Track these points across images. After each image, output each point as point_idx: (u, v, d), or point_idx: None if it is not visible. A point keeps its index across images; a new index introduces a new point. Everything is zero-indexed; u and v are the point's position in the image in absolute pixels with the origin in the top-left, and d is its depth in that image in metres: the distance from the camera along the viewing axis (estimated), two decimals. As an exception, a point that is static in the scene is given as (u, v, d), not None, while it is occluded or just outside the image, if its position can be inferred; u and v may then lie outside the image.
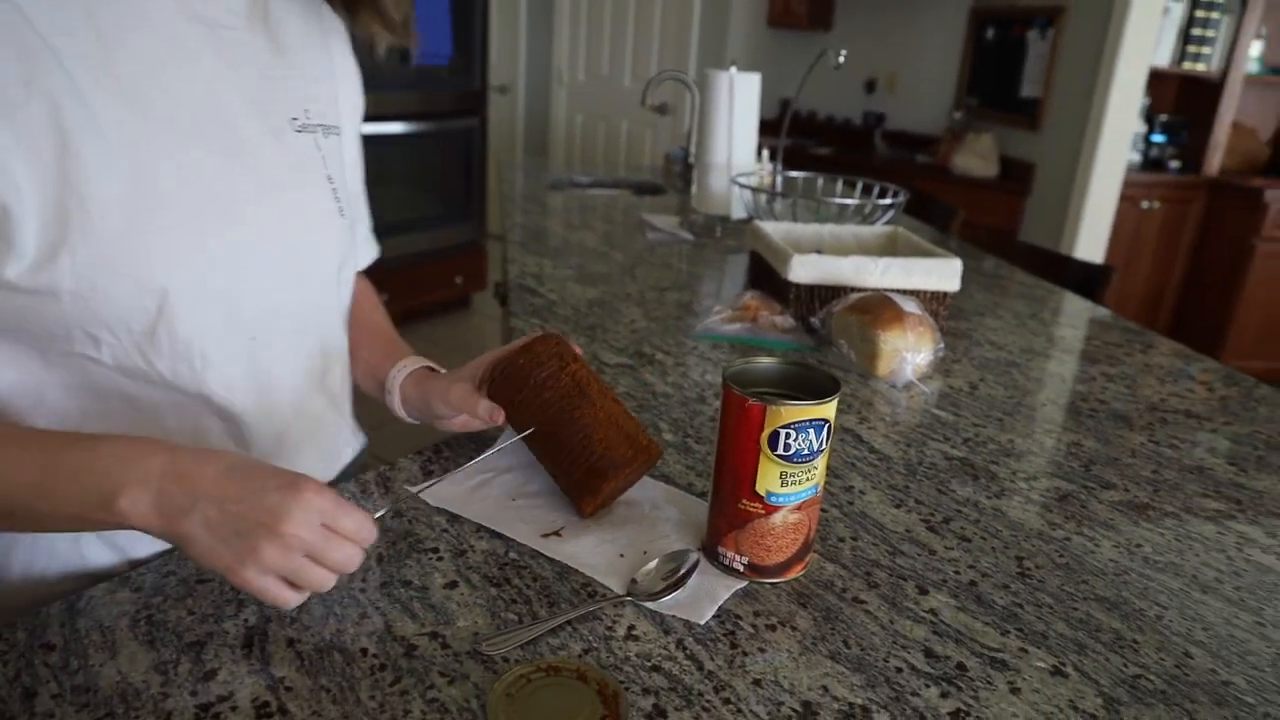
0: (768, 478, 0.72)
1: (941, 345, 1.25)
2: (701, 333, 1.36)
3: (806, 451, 0.72)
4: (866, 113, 5.06)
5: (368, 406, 1.02)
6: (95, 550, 0.76)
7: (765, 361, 0.79)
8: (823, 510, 0.89)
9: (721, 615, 0.71)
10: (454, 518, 0.82)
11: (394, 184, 3.96)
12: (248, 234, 0.75)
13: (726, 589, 0.74)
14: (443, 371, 0.95)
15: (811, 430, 0.71)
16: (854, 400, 1.17)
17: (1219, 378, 1.36)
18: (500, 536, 0.80)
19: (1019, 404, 1.20)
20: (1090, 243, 3.90)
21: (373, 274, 1.05)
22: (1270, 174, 4.27)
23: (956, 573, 0.80)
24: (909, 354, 1.20)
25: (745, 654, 0.67)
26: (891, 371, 1.22)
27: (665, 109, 4.80)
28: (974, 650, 0.69)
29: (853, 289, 1.39)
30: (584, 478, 0.81)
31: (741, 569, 0.76)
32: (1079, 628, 0.73)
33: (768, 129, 2.75)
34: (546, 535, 0.81)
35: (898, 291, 1.36)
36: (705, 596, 0.73)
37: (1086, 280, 1.97)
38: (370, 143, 1.01)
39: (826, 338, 1.35)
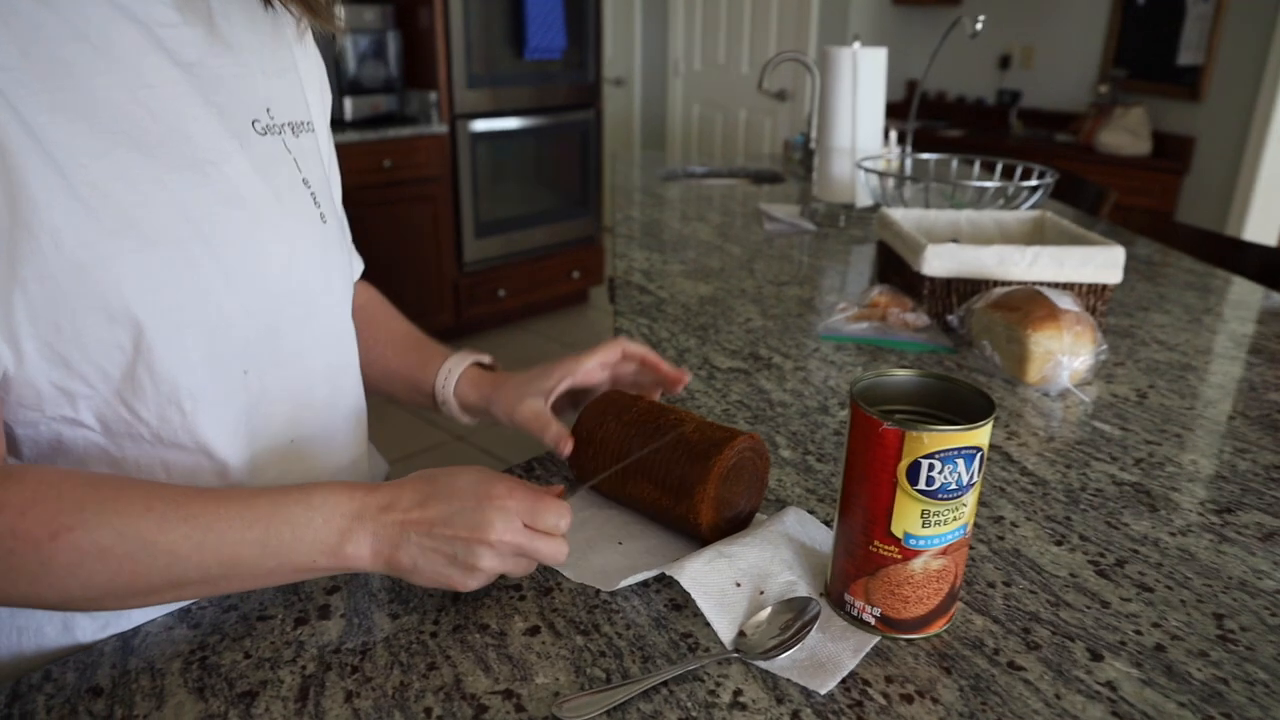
0: (906, 517, 0.60)
1: (1103, 347, 1.08)
2: (825, 332, 1.24)
3: (954, 486, 0.59)
4: (1000, 90, 4.75)
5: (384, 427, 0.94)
6: (86, 629, 0.68)
7: (901, 374, 0.67)
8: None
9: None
10: (541, 548, 0.74)
11: (510, 180, 3.95)
12: (221, 252, 0.66)
13: (854, 652, 0.63)
14: (498, 370, 0.88)
15: (960, 461, 0.59)
16: (1001, 411, 1.02)
17: None
18: (591, 572, 0.71)
19: (1199, 416, 1.03)
20: (1262, 226, 3.52)
21: (488, 269, 0.98)
22: None
23: (1138, 633, 0.66)
24: (1064, 357, 1.05)
25: (876, 733, 0.55)
26: (1044, 378, 1.06)
27: (784, 95, 4.64)
28: (1168, 739, 0.56)
29: (996, 282, 1.23)
30: (688, 470, 0.72)
31: (872, 621, 0.64)
32: (1306, 713, 0.58)
33: (893, 112, 2.57)
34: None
35: (1050, 285, 1.19)
36: (828, 659, 0.62)
37: (1267, 268, 1.73)
38: (486, 139, 0.94)
39: (966, 338, 1.20)
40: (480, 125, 3.68)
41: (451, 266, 3.78)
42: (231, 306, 0.67)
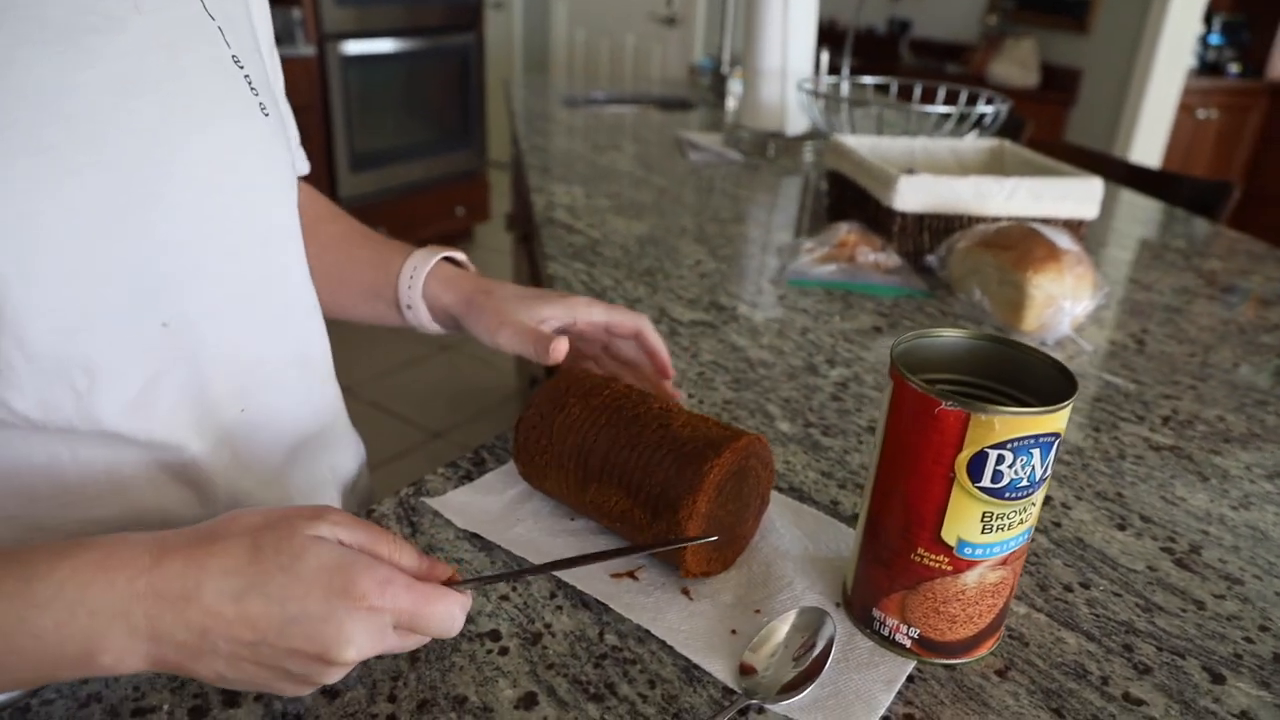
0: (963, 520, 0.47)
1: (1105, 290, 0.98)
2: (792, 276, 1.09)
3: (1026, 483, 0.46)
4: (891, 19, 4.67)
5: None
6: None
7: (949, 335, 0.52)
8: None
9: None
10: (522, 583, 0.57)
11: (386, 109, 3.62)
12: (118, 160, 0.46)
13: (887, 683, 0.49)
14: (473, 271, 0.72)
15: (1037, 451, 0.45)
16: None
17: None
18: (585, 604, 0.54)
19: (1205, 365, 0.94)
20: (1144, 156, 3.59)
21: (365, 206, 0.78)
22: (1336, 77, 3.94)
23: (1248, 639, 0.55)
24: (1066, 302, 0.94)
25: (1004, 819, 0.42)
26: (1042, 325, 0.95)
27: (674, 20, 4.42)
28: (1340, 790, 0.45)
29: (972, 218, 1.11)
30: (673, 476, 0.54)
31: (908, 644, 0.51)
32: None
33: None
34: (617, 576, 0.57)
35: (1030, 220, 1.08)
36: (857, 695, 0.48)
37: (1200, 199, 1.70)
38: (358, 63, 0.73)
39: (946, 281, 1.08)
40: (352, 47, 3.33)
41: (325, 203, 3.45)
42: (138, 237, 0.47)
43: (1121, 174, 1.85)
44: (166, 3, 0.50)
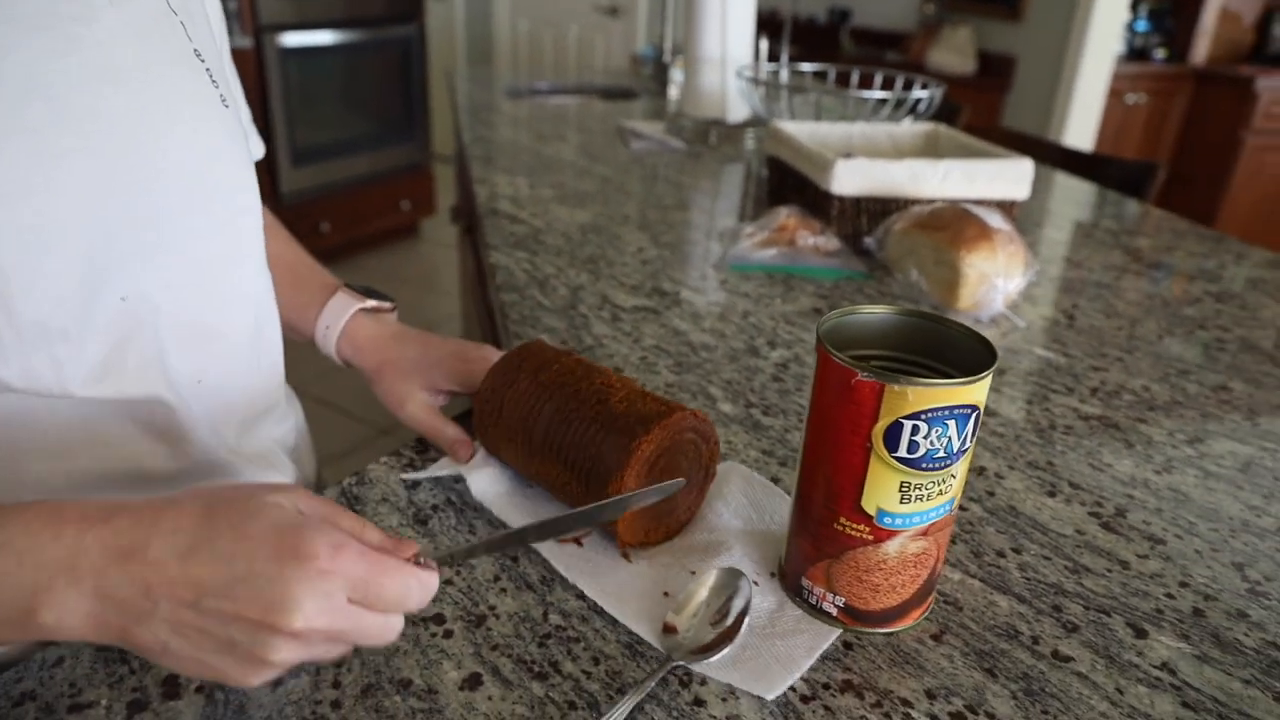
0: (882, 490, 0.48)
1: (1035, 267, 1.01)
2: (734, 261, 1.10)
3: (943, 454, 0.47)
4: (831, 8, 4.72)
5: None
6: None
7: (875, 311, 0.54)
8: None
9: (884, 703, 0.48)
10: (463, 568, 0.57)
11: (327, 102, 3.56)
12: (95, 143, 0.47)
13: (809, 650, 0.51)
14: (389, 318, 0.74)
15: (952, 422, 0.46)
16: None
17: (1337, 291, 1.15)
18: (529, 586, 0.55)
19: (1131, 337, 0.97)
20: (1077, 139, 3.67)
21: (308, 202, 0.77)
22: (1257, 61, 4.07)
23: (1169, 595, 0.57)
24: (999, 280, 0.96)
25: (938, 774, 0.44)
26: (976, 303, 0.98)
27: (616, 10, 4.41)
28: (1253, 732, 0.47)
29: (908, 200, 1.14)
30: (603, 450, 0.56)
31: (834, 612, 0.53)
32: (1373, 678, 0.51)
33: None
34: (564, 541, 0.58)
35: (964, 201, 1.11)
36: (777, 659, 0.50)
37: (1128, 180, 1.75)
38: (297, 55, 0.73)
39: (884, 262, 1.10)
40: (290, 39, 3.26)
41: (268, 199, 3.38)
42: (111, 214, 0.49)
43: (1055, 157, 1.90)
44: (138, 3, 0.51)
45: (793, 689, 0.48)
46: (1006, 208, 1.19)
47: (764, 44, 1.76)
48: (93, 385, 0.51)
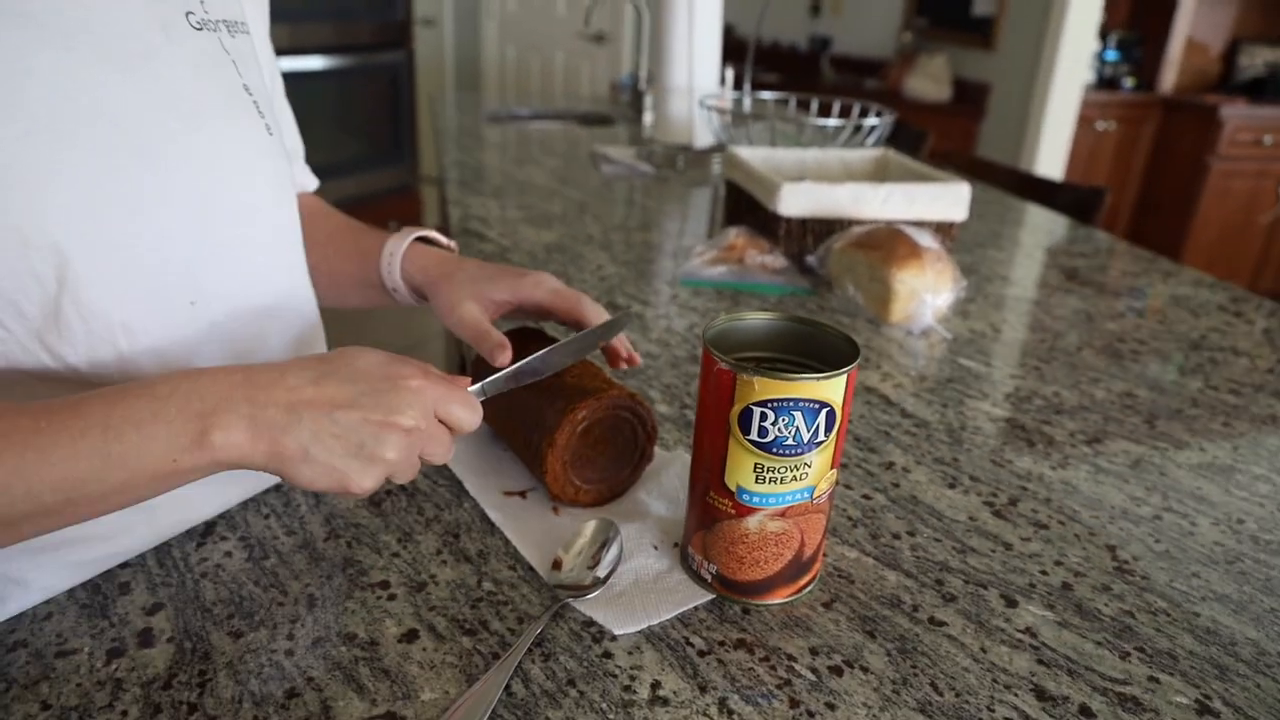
0: (739, 469, 0.55)
1: (963, 284, 1.08)
2: (684, 277, 1.18)
3: (793, 443, 0.53)
4: (812, 36, 4.85)
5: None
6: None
7: (760, 317, 0.60)
8: (867, 498, 0.72)
9: (771, 658, 0.54)
10: (405, 536, 0.64)
11: (317, 126, 3.64)
12: (156, 164, 0.54)
13: (675, 605, 0.58)
14: (449, 248, 0.78)
15: (799, 414, 0.52)
16: (869, 351, 1.00)
17: (1252, 307, 1.23)
18: (467, 559, 0.61)
19: (1052, 349, 1.05)
20: (1048, 165, 3.78)
21: None
22: (1223, 90, 4.19)
23: (1044, 573, 0.64)
24: (928, 295, 1.04)
25: (811, 714, 0.50)
26: (907, 316, 1.05)
27: (603, 37, 4.52)
28: (1094, 685, 0.54)
29: (851, 221, 1.21)
30: (545, 413, 0.65)
31: (709, 578, 0.59)
32: (1210, 641, 0.58)
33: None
34: (509, 494, 0.68)
35: (902, 223, 1.18)
36: (644, 607, 0.57)
37: (1078, 204, 1.83)
38: (287, 80, 0.80)
39: (825, 279, 1.17)
40: (283, 64, 3.35)
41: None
42: (172, 227, 0.56)
43: (1013, 183, 1.99)
44: (195, 36, 0.58)
45: (689, 644, 0.55)
46: (946, 229, 1.27)
47: (730, 72, 1.85)
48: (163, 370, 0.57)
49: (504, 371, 0.59)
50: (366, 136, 3.92)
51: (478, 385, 0.57)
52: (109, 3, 0.52)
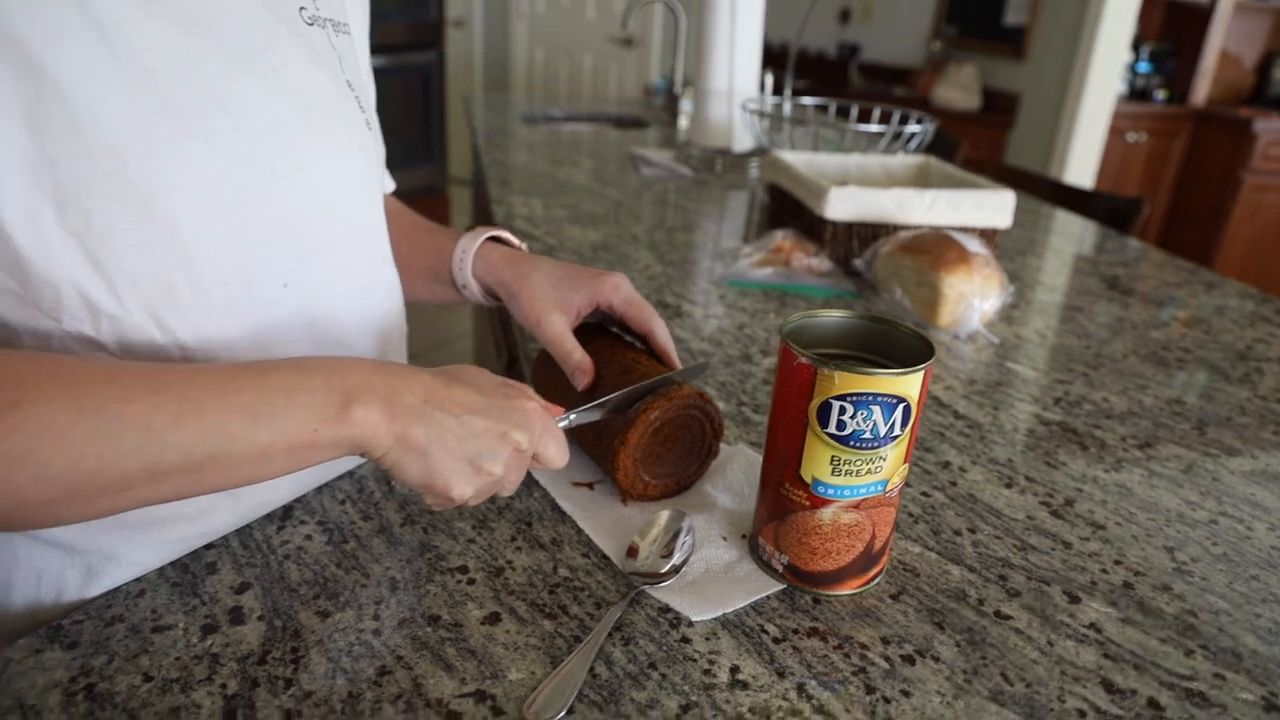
0: (815, 461, 0.56)
1: (1010, 289, 1.09)
2: (732, 278, 1.19)
3: (869, 436, 0.55)
4: (841, 44, 4.85)
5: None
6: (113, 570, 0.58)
7: (835, 315, 0.62)
8: (926, 495, 0.73)
9: (844, 646, 0.56)
10: (479, 523, 0.65)
11: (347, 124, 3.68)
12: (267, 150, 0.57)
13: (747, 594, 0.59)
14: (519, 249, 0.79)
15: (877, 408, 0.54)
16: (917, 355, 1.01)
17: (1298, 318, 1.23)
18: (541, 546, 0.63)
19: (1098, 355, 1.06)
20: (1078, 176, 3.77)
21: None
22: (1256, 104, 4.17)
23: (1104, 571, 0.65)
24: (976, 299, 1.05)
25: (887, 700, 0.52)
26: (955, 320, 1.06)
27: (632, 41, 4.55)
28: (1161, 680, 0.55)
29: (896, 226, 1.22)
30: (619, 420, 0.67)
31: (780, 569, 0.61)
32: (1274, 641, 0.59)
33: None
34: (578, 485, 0.70)
35: (948, 229, 1.19)
36: (718, 595, 0.59)
37: (1114, 214, 1.83)
38: None
39: (872, 282, 1.18)
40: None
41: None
42: (276, 212, 0.58)
43: (1047, 192, 1.99)
44: (308, 32, 0.61)
45: (764, 631, 0.56)
46: (989, 235, 1.27)
47: (769, 78, 1.86)
48: (256, 352, 0.59)
49: (590, 405, 0.64)
50: (398, 136, 3.96)
51: (566, 418, 0.62)
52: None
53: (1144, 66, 4.11)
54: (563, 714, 0.48)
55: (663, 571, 0.59)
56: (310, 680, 0.50)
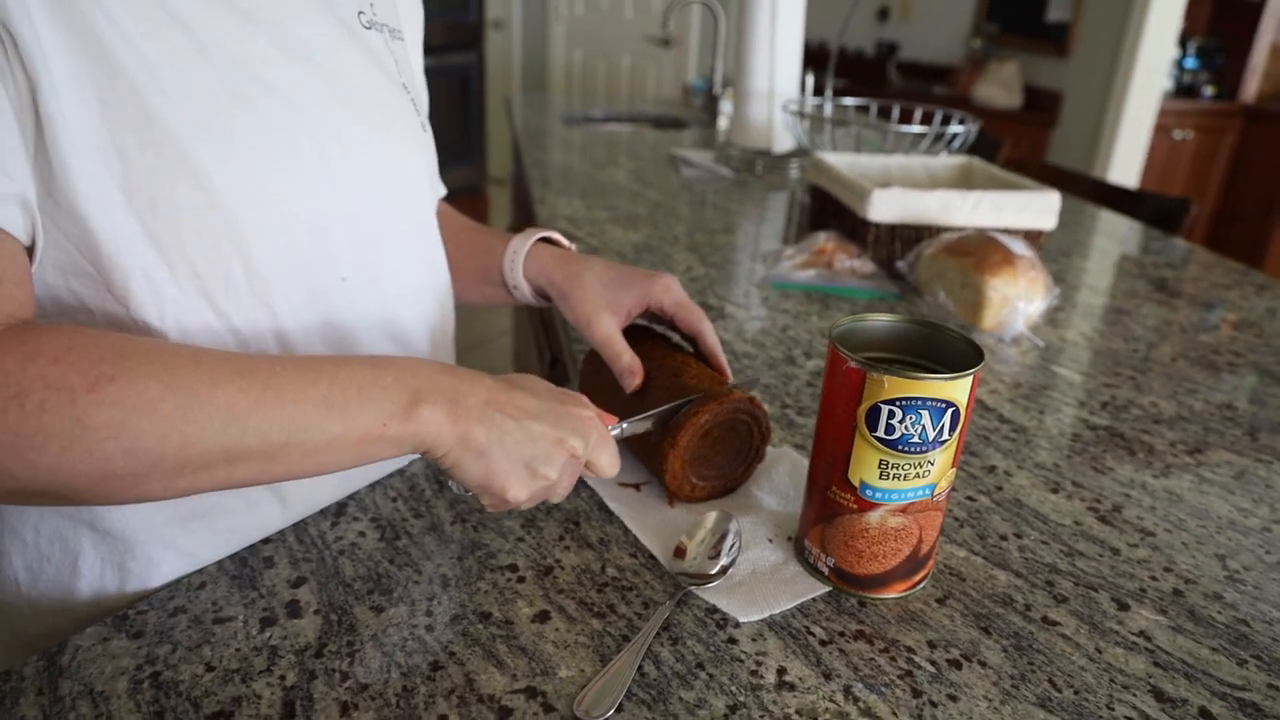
0: (863, 465, 0.56)
1: (1055, 291, 1.08)
2: (775, 280, 1.19)
3: (917, 440, 0.55)
4: (879, 42, 4.81)
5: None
6: (143, 570, 0.60)
7: (885, 319, 0.62)
8: (972, 500, 0.73)
9: (891, 650, 0.56)
10: (528, 523, 0.66)
11: (388, 124, 3.73)
12: (327, 146, 0.59)
13: (794, 596, 0.60)
14: (569, 250, 0.80)
15: (926, 413, 0.54)
16: (961, 358, 1.01)
17: (1353, 322, 1.20)
18: (589, 545, 0.64)
19: (1146, 359, 1.04)
20: (1123, 174, 3.71)
21: None
22: (1308, 100, 4.07)
23: (1154, 579, 0.65)
24: (1020, 302, 1.04)
25: (933, 704, 0.52)
26: (999, 323, 1.05)
27: (669, 41, 4.55)
28: (1212, 689, 0.54)
29: (940, 228, 1.22)
30: (668, 427, 0.67)
31: (826, 571, 0.61)
32: (1330, 651, 0.58)
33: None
34: (625, 485, 0.71)
35: (992, 230, 1.18)
36: (764, 597, 0.59)
37: (1161, 214, 1.80)
38: None
39: (915, 284, 1.18)
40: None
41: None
42: (334, 206, 0.60)
43: (1093, 192, 1.97)
44: (366, 34, 0.64)
45: (810, 633, 0.56)
46: (1034, 237, 1.26)
47: (810, 78, 1.85)
48: (306, 342, 0.61)
49: (642, 416, 0.65)
50: (438, 136, 3.99)
51: (618, 428, 0.63)
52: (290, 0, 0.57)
53: (1191, 62, 4.03)
54: (611, 712, 0.49)
55: (710, 573, 0.60)
56: (366, 674, 0.52)
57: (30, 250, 0.49)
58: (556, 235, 0.80)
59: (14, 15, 0.44)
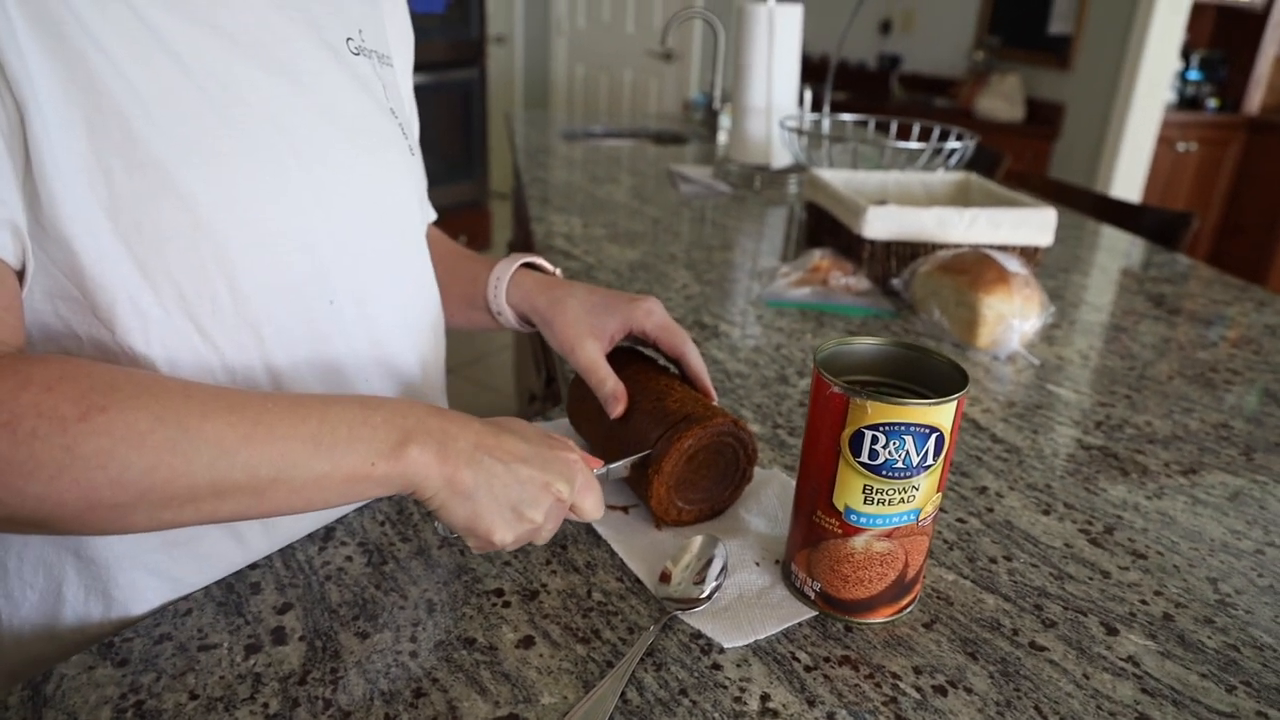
0: (847, 490, 0.56)
1: (1051, 309, 1.08)
2: (770, 298, 1.19)
3: (901, 466, 0.54)
4: (881, 54, 4.82)
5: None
6: (129, 596, 0.60)
7: (869, 342, 0.62)
8: (962, 522, 0.73)
9: (876, 676, 0.55)
10: (518, 553, 0.66)
11: (391, 140, 3.75)
12: (313, 168, 0.60)
13: (780, 620, 0.59)
14: (553, 276, 0.80)
15: (910, 439, 0.54)
16: (955, 376, 1.00)
17: (1352, 338, 1.20)
18: (576, 569, 0.64)
19: (1142, 377, 1.04)
20: (1125, 187, 3.71)
21: None
22: (1311, 112, 4.07)
23: (1144, 602, 0.64)
24: (1015, 320, 1.04)
25: (917, 733, 0.52)
26: (994, 341, 1.05)
27: (671, 55, 4.57)
28: (1200, 716, 0.54)
29: (936, 245, 1.22)
30: (654, 439, 0.67)
31: (812, 596, 0.61)
32: (1320, 677, 0.58)
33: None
34: (612, 508, 0.70)
35: (988, 247, 1.18)
36: (749, 622, 0.59)
37: (1162, 229, 1.80)
38: None
39: (909, 302, 1.18)
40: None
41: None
42: (321, 228, 0.60)
43: (1092, 206, 1.96)
44: (354, 60, 0.64)
45: (795, 659, 0.56)
46: (1031, 254, 1.26)
47: (808, 93, 1.86)
48: (296, 381, 0.61)
49: (628, 461, 0.66)
50: (440, 152, 4.01)
51: (604, 469, 0.64)
52: (284, 22, 0.58)
53: (1194, 74, 4.03)
54: (594, 740, 0.49)
55: (695, 598, 0.60)
56: (349, 701, 0.51)
57: (20, 276, 0.49)
58: (540, 260, 0.81)
59: (2, 42, 0.45)
